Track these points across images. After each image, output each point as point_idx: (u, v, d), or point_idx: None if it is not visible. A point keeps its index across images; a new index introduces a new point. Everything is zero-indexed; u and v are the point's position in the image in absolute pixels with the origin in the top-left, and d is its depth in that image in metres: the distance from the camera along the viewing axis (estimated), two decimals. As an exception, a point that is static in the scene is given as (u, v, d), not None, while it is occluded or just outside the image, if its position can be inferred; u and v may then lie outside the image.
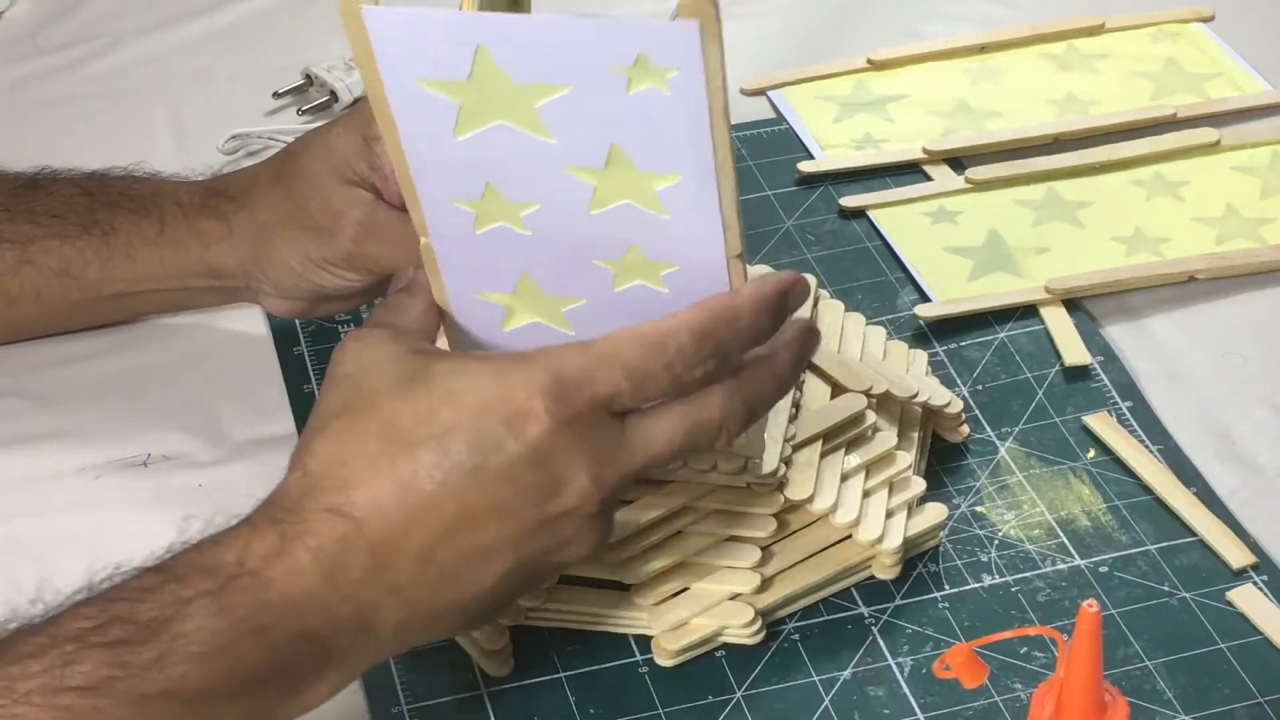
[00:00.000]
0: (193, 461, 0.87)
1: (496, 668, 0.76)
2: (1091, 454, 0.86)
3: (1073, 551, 0.81)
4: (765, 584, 0.77)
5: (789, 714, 0.75)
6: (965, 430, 0.87)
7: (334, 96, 1.10)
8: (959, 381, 0.90)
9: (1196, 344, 0.93)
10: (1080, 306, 0.95)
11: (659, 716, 0.75)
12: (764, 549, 0.78)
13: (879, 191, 1.03)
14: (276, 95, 1.11)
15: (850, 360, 0.83)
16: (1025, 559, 0.81)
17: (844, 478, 0.79)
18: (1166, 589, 0.79)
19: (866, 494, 0.79)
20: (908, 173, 1.05)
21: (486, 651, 0.76)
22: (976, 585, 0.80)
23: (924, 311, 0.94)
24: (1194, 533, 0.82)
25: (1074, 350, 0.92)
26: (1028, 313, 0.94)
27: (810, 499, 0.77)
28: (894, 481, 0.80)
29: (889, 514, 0.79)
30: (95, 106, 1.12)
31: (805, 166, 1.05)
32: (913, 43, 1.14)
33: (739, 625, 0.76)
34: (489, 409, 0.65)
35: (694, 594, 0.77)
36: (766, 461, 0.76)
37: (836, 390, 0.82)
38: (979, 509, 0.83)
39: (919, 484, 0.81)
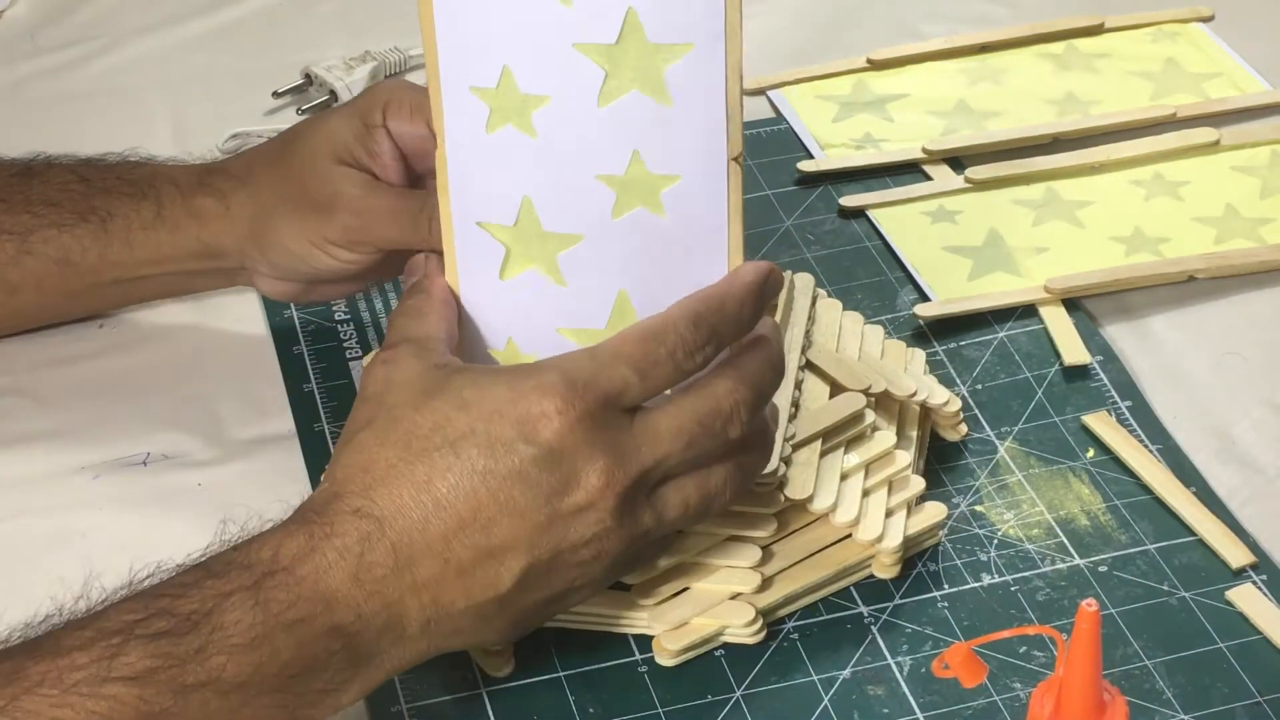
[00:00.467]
0: (192, 461, 0.87)
1: (496, 667, 0.76)
2: (1091, 453, 0.86)
3: (1072, 551, 0.81)
4: (766, 583, 0.77)
5: (788, 713, 0.75)
6: (963, 429, 0.87)
7: (334, 96, 1.10)
8: (958, 381, 0.90)
9: (1196, 344, 0.93)
10: (1080, 306, 0.95)
11: (658, 716, 0.75)
12: (764, 548, 0.78)
13: (878, 191, 1.03)
14: (276, 95, 1.11)
15: (849, 359, 0.83)
16: (1025, 558, 0.81)
17: (843, 477, 0.79)
18: (1166, 588, 0.79)
19: (866, 493, 0.79)
20: (907, 172, 1.05)
21: (486, 651, 0.76)
22: (976, 585, 0.80)
23: (923, 311, 0.94)
24: (1193, 532, 0.82)
25: (1073, 350, 0.92)
26: (1027, 312, 0.94)
27: (810, 498, 0.77)
28: (893, 480, 0.80)
29: (888, 513, 0.79)
30: (95, 106, 1.12)
31: (805, 166, 1.05)
32: (912, 42, 1.14)
33: (740, 625, 0.76)
34: (501, 413, 0.68)
35: (694, 594, 0.77)
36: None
37: (835, 389, 0.82)
38: (978, 508, 0.83)
39: (918, 483, 0.81)
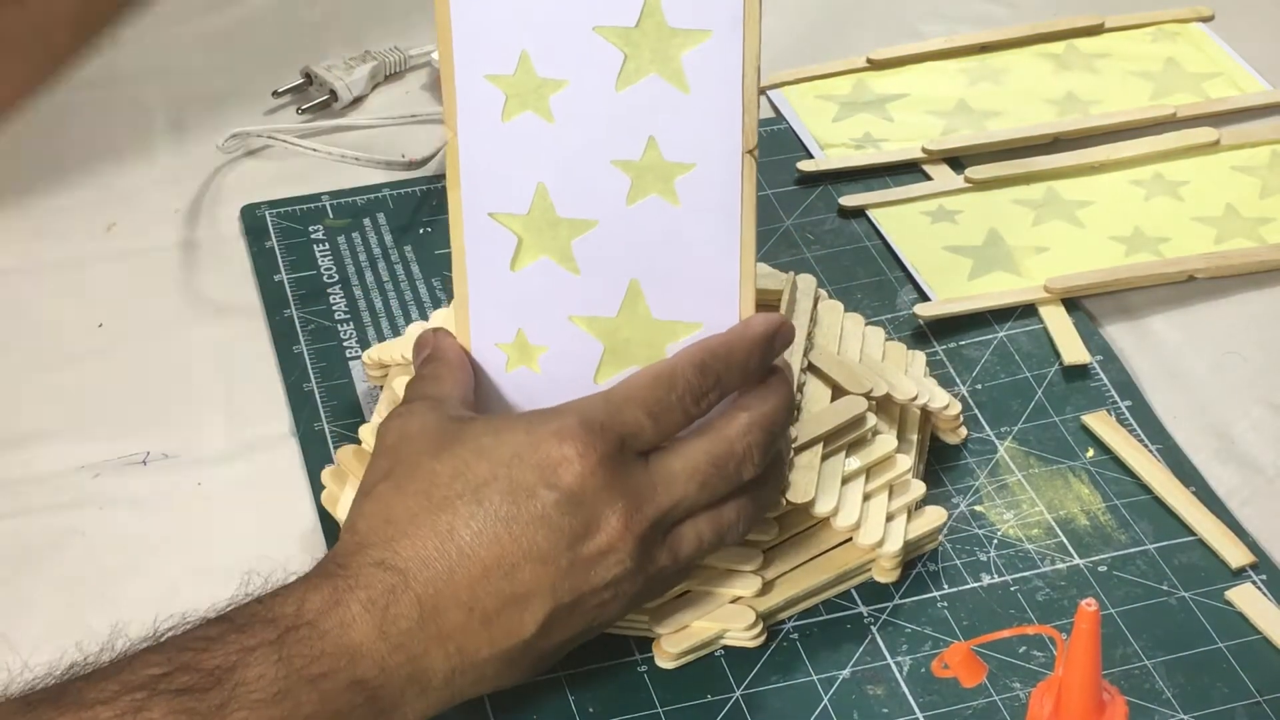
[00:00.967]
0: (192, 460, 0.87)
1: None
2: (1091, 453, 0.86)
3: (1072, 551, 0.81)
4: (766, 587, 0.77)
5: (788, 713, 0.75)
6: (963, 432, 0.87)
7: (334, 95, 1.10)
8: (958, 381, 0.90)
9: (1196, 343, 0.93)
10: (1079, 306, 0.95)
11: (658, 716, 0.75)
12: (765, 552, 0.78)
13: (878, 191, 1.03)
14: (276, 94, 1.11)
15: (850, 362, 0.83)
16: (1024, 558, 0.81)
17: (845, 481, 0.79)
18: (1165, 588, 0.79)
19: (867, 497, 0.79)
20: (907, 172, 1.05)
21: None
22: (975, 584, 0.80)
23: (923, 311, 0.94)
24: (1193, 532, 0.82)
25: (1073, 349, 0.92)
26: (1027, 312, 0.94)
27: (812, 502, 0.77)
28: (894, 484, 0.80)
29: (889, 517, 0.79)
30: (95, 106, 1.12)
31: (805, 166, 1.05)
32: (912, 42, 1.14)
33: (740, 628, 0.76)
34: (521, 459, 0.68)
35: (695, 597, 0.77)
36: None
37: (837, 392, 0.82)
38: (978, 508, 0.83)
39: (919, 487, 0.81)
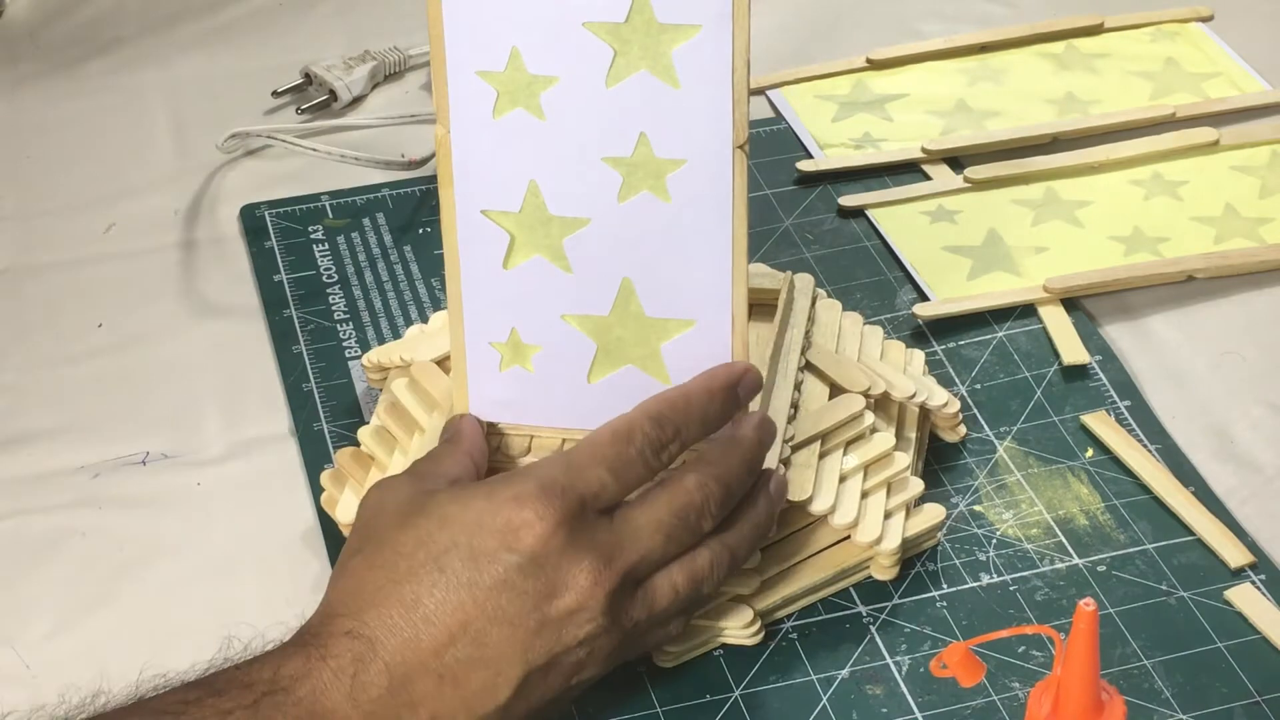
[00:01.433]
0: (191, 460, 0.87)
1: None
2: (1090, 453, 0.86)
3: (1071, 551, 0.81)
4: (764, 585, 0.77)
5: (787, 713, 0.75)
6: (962, 430, 0.87)
7: (333, 95, 1.10)
8: (957, 381, 0.90)
9: (1195, 343, 0.93)
10: (1079, 306, 0.95)
11: (657, 715, 0.75)
12: (763, 550, 0.78)
13: (878, 191, 1.03)
14: (276, 94, 1.11)
15: (848, 360, 0.83)
16: (1023, 558, 0.81)
17: (842, 478, 0.79)
18: (1164, 588, 0.79)
19: (865, 495, 0.79)
20: (907, 172, 1.05)
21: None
22: (975, 584, 0.80)
23: (923, 311, 0.94)
24: (1192, 532, 0.82)
25: (1072, 349, 0.92)
26: (1026, 312, 0.94)
27: (809, 500, 0.77)
28: (892, 482, 0.80)
29: (887, 515, 0.79)
30: (95, 106, 1.12)
31: (804, 166, 1.05)
32: (912, 42, 1.14)
33: (738, 626, 0.76)
34: (481, 525, 0.69)
35: (693, 594, 0.77)
36: (766, 462, 0.76)
37: (834, 391, 0.82)
38: (977, 508, 0.83)
39: (917, 484, 0.81)
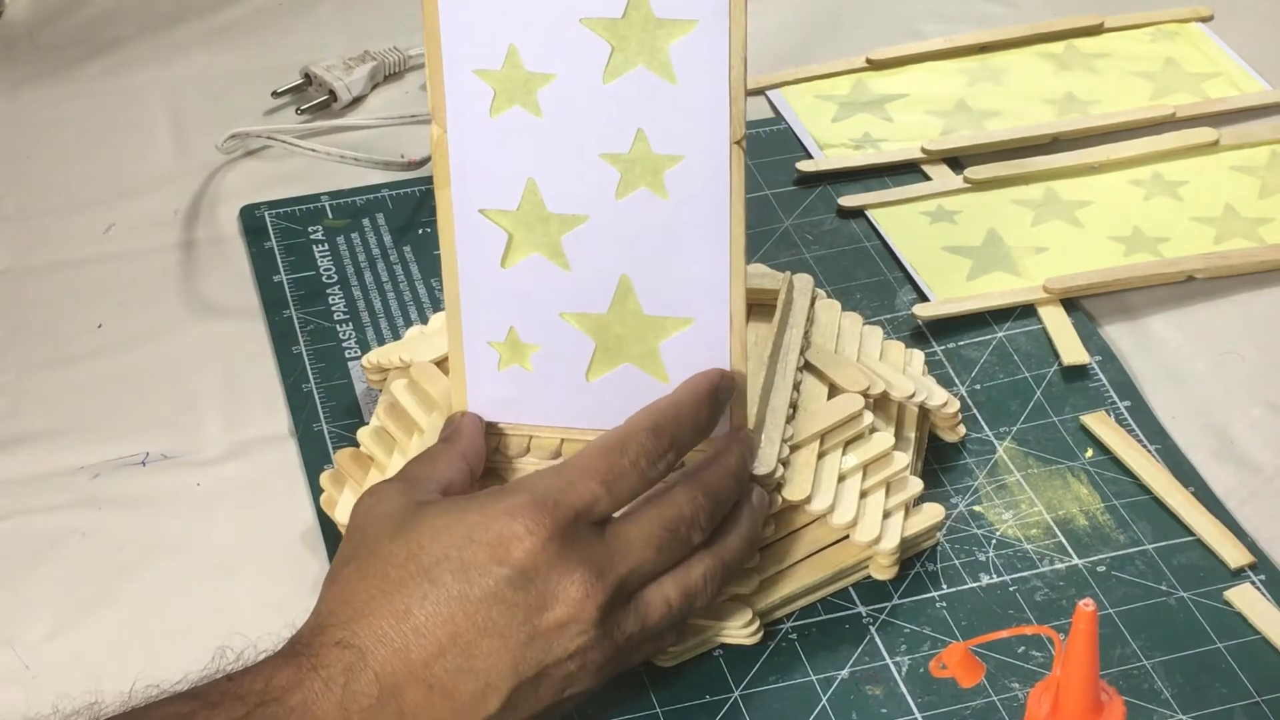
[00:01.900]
0: (191, 460, 0.87)
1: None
2: (1089, 453, 0.86)
3: (1070, 551, 0.81)
4: (763, 585, 0.77)
5: (786, 713, 0.75)
6: (962, 430, 0.87)
7: (333, 96, 1.10)
8: (957, 381, 0.90)
9: (1195, 343, 0.93)
10: (1079, 306, 0.95)
11: (656, 716, 0.75)
12: (761, 549, 0.78)
13: (877, 191, 1.03)
14: (275, 94, 1.11)
15: (847, 360, 0.83)
16: (1023, 558, 0.81)
17: (841, 478, 0.79)
18: (1164, 588, 0.79)
19: (864, 494, 0.79)
20: (906, 172, 1.05)
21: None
22: (974, 585, 0.80)
23: (922, 311, 0.94)
24: (1192, 532, 0.82)
25: (1072, 350, 0.92)
26: (1026, 312, 0.94)
27: (808, 499, 0.77)
28: (891, 482, 0.80)
29: (886, 514, 0.79)
30: (95, 106, 1.12)
31: (804, 166, 1.05)
32: (912, 42, 1.14)
33: (737, 626, 0.76)
34: (473, 538, 0.69)
35: (692, 594, 0.77)
36: (764, 462, 0.76)
37: (834, 390, 0.82)
38: (977, 508, 0.83)
39: (916, 484, 0.81)
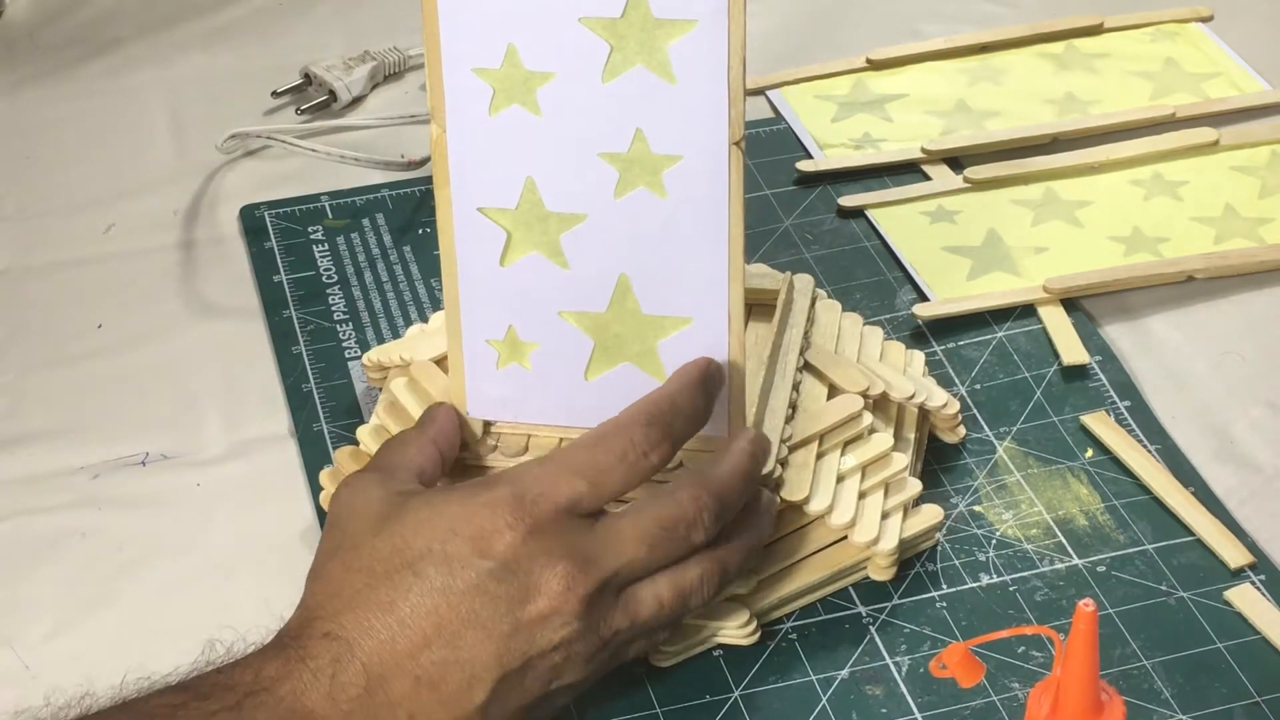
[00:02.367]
0: (191, 460, 0.87)
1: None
2: (1089, 453, 0.86)
3: (1070, 551, 0.81)
4: (761, 585, 0.77)
5: (786, 713, 0.75)
6: (961, 431, 0.86)
7: (333, 96, 1.10)
8: (957, 381, 0.90)
9: (1195, 343, 0.93)
10: (1079, 306, 0.95)
11: (656, 716, 0.75)
12: (760, 550, 0.78)
13: (877, 191, 1.03)
14: (275, 94, 1.11)
15: (847, 361, 0.83)
16: (1023, 558, 0.81)
17: (840, 479, 0.79)
18: (1164, 589, 0.79)
19: (862, 495, 0.79)
20: (906, 172, 1.05)
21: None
22: (974, 585, 0.80)
23: (922, 311, 0.94)
24: (1192, 532, 0.82)
25: (1072, 350, 0.92)
26: (1026, 312, 0.94)
27: (807, 500, 0.77)
28: (890, 483, 0.80)
29: (885, 515, 0.79)
30: (95, 106, 1.12)
31: (804, 166, 1.05)
32: (912, 42, 1.14)
33: (733, 626, 0.76)
34: (455, 531, 0.69)
35: (691, 594, 0.77)
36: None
37: (833, 391, 0.82)
38: (977, 508, 0.83)
39: (915, 485, 0.81)
